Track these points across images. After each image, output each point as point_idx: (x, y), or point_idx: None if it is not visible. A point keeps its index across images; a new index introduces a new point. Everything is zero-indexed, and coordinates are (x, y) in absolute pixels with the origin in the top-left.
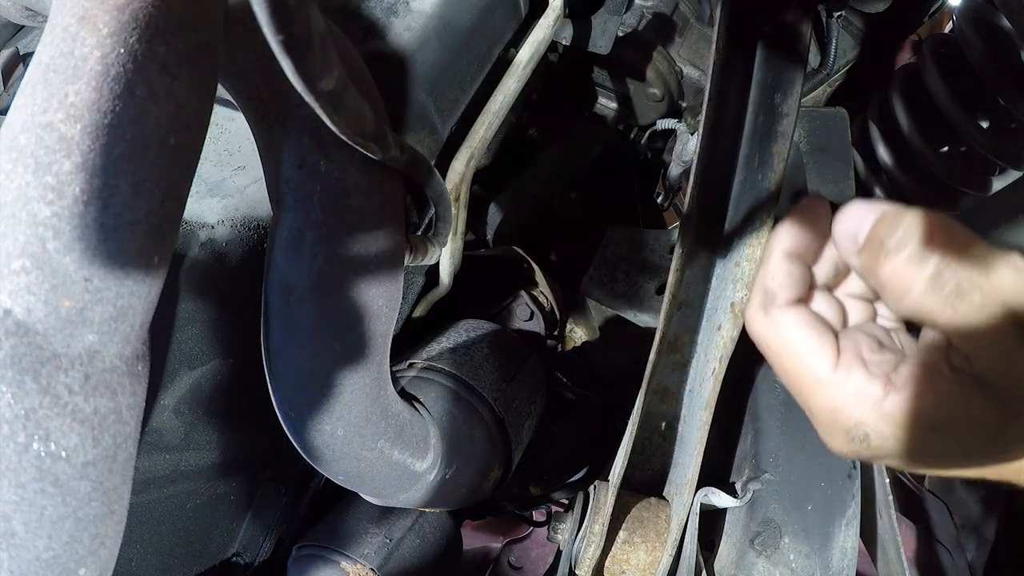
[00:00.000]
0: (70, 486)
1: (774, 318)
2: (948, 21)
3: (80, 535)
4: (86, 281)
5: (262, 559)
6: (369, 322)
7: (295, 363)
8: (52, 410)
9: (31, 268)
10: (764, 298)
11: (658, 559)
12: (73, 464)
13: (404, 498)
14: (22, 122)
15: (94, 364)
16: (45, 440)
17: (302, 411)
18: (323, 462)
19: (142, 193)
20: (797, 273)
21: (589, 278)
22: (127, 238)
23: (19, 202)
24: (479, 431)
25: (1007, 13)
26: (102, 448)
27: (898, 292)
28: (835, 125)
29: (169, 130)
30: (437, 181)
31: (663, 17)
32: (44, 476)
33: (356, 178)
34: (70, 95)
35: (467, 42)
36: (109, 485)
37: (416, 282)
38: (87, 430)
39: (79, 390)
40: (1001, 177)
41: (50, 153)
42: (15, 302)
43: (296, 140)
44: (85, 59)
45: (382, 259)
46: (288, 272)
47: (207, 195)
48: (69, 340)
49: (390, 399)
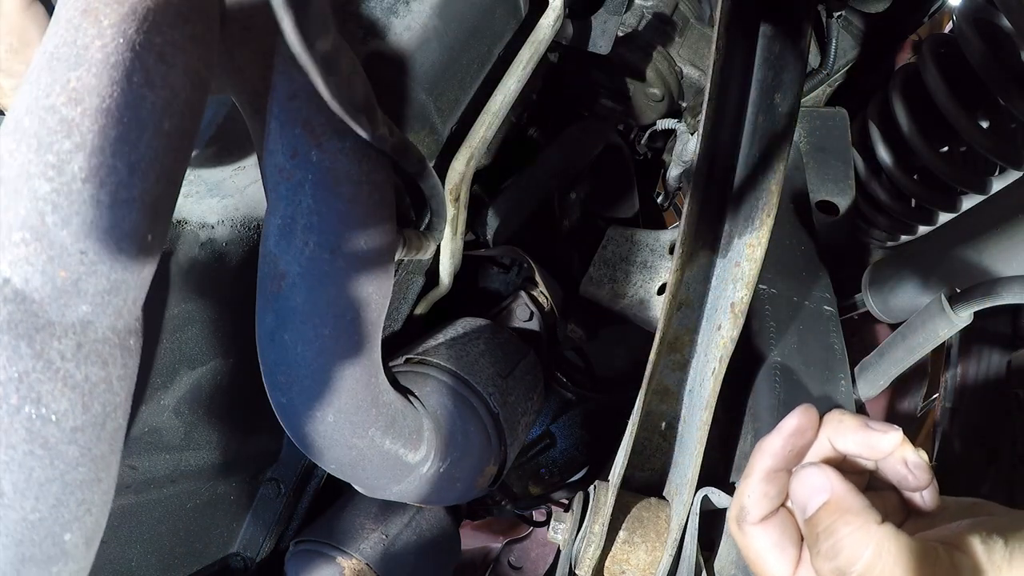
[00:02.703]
0: (59, 449)
1: (745, 532)
2: (948, 21)
3: (67, 499)
4: (81, 254)
5: (262, 559)
6: (360, 309)
7: (286, 349)
8: (44, 375)
9: (30, 240)
10: (739, 513)
11: (658, 559)
12: (62, 428)
13: (397, 490)
14: (26, 105)
15: (87, 334)
16: (36, 403)
17: (292, 397)
18: (314, 450)
19: (137, 173)
20: (772, 492)
21: (589, 278)
22: (122, 215)
23: (21, 178)
24: (474, 425)
25: (1007, 13)
26: (91, 415)
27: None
28: (835, 125)
29: (164, 115)
30: (429, 173)
31: (663, 17)
32: (34, 438)
33: (347, 167)
34: (72, 80)
35: (467, 42)
36: (97, 452)
37: (416, 282)
38: (77, 396)
39: (71, 357)
40: (1001, 177)
41: (52, 133)
42: (14, 271)
43: (289, 131)
44: (87, 48)
45: (373, 248)
46: (280, 259)
47: (207, 195)
48: (63, 309)
49: (381, 388)
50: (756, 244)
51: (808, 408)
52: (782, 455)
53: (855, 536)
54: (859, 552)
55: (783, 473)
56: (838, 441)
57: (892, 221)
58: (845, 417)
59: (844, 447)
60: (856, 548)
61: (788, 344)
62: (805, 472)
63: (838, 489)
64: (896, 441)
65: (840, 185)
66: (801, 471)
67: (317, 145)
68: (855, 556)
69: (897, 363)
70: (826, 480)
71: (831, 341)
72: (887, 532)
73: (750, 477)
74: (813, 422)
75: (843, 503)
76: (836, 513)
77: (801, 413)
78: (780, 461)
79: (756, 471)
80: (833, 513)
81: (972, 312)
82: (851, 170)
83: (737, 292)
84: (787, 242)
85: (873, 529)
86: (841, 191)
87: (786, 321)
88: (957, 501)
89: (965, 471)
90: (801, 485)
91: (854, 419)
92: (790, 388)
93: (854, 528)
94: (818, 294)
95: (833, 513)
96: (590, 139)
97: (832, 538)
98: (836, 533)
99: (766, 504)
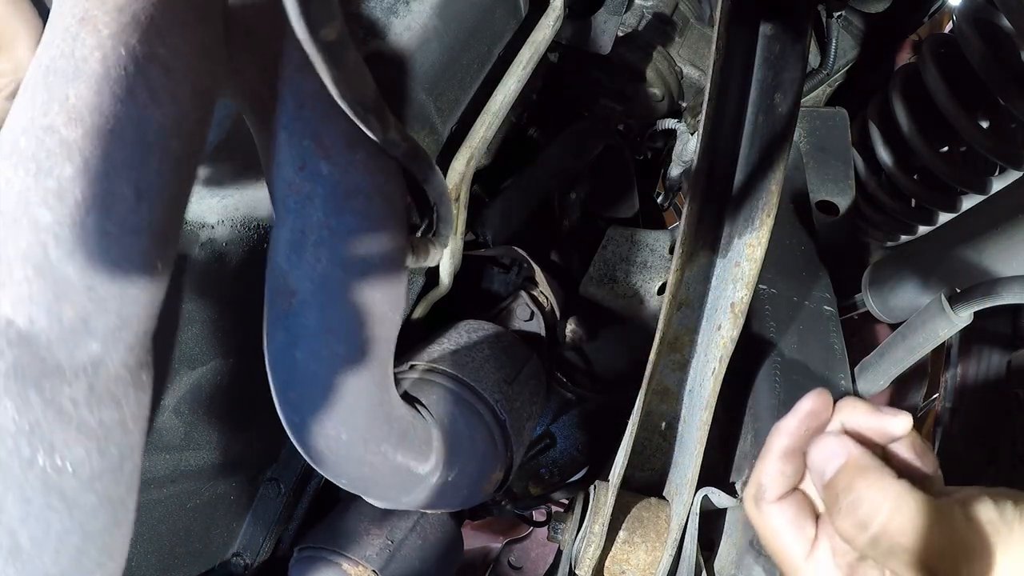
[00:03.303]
0: (76, 499)
1: (762, 511)
2: (948, 21)
3: (87, 548)
4: (89, 289)
5: (262, 559)
6: (373, 325)
7: (298, 367)
8: (57, 423)
9: (33, 277)
10: (757, 492)
11: (658, 559)
12: (79, 477)
13: (406, 500)
14: (23, 125)
15: (98, 374)
16: (50, 454)
17: (305, 416)
18: (327, 466)
19: (145, 198)
20: (789, 470)
21: (589, 278)
22: (130, 245)
23: (20, 207)
24: (481, 433)
25: (1007, 13)
26: (108, 460)
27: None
28: (835, 125)
29: (172, 133)
30: (438, 179)
31: (663, 17)
32: (50, 490)
33: (358, 180)
34: (71, 97)
35: (467, 42)
36: (115, 497)
37: (416, 282)
38: (92, 443)
39: (84, 402)
40: (1001, 177)
41: (51, 157)
42: (17, 312)
43: (297, 142)
44: (85, 60)
45: (385, 262)
46: (290, 274)
47: (207, 195)
48: (73, 350)
49: (393, 403)
50: (756, 244)
51: (822, 391)
52: (798, 435)
53: (874, 490)
54: (879, 504)
55: (799, 454)
56: (851, 424)
57: (892, 221)
58: (858, 403)
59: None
60: (876, 501)
61: (788, 344)
62: (822, 440)
63: (855, 451)
64: (907, 425)
65: (840, 185)
66: (818, 440)
67: (326, 157)
68: (875, 508)
69: (897, 363)
70: (842, 445)
71: (831, 341)
72: (905, 486)
73: (767, 456)
74: (827, 404)
75: (861, 462)
76: (854, 471)
77: (816, 396)
78: (796, 440)
79: (773, 450)
80: (851, 471)
81: (972, 312)
82: (851, 170)
83: (737, 292)
84: (787, 242)
85: (891, 483)
86: (841, 191)
87: (786, 321)
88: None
89: (965, 471)
90: (819, 451)
91: (866, 404)
92: (790, 388)
93: (872, 482)
94: (818, 294)
95: (851, 471)
96: (590, 139)
97: (852, 494)
98: (855, 489)
99: (783, 483)
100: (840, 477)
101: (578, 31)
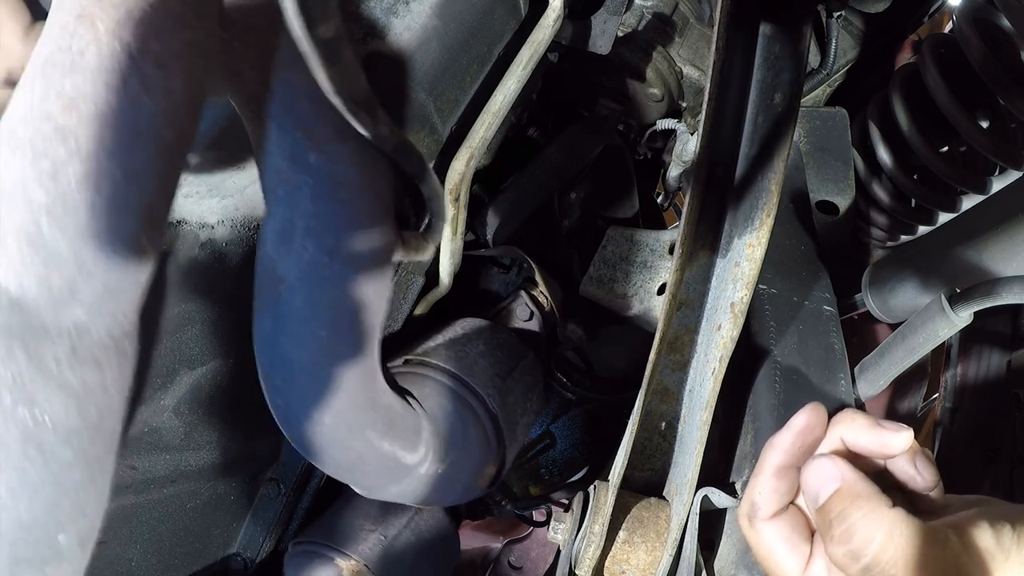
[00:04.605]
0: (53, 452)
1: (757, 529)
2: (948, 21)
3: (60, 501)
4: (77, 260)
5: (262, 559)
6: (358, 312)
7: (283, 352)
8: (39, 377)
9: (26, 248)
10: (751, 509)
11: (658, 559)
12: (57, 430)
13: (395, 491)
14: (21, 114)
15: (82, 338)
16: (30, 405)
17: (290, 400)
18: (311, 451)
19: (134, 180)
20: (783, 487)
21: (589, 278)
22: (118, 221)
23: (17, 187)
24: (473, 426)
25: (1007, 13)
26: (86, 418)
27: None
28: (835, 125)
29: (162, 122)
30: (430, 174)
31: (663, 17)
32: (28, 439)
33: (346, 171)
34: (67, 87)
35: (467, 42)
36: (92, 455)
37: (416, 282)
38: (72, 400)
39: (66, 361)
40: (1001, 177)
41: (46, 141)
42: (9, 279)
43: (288, 134)
44: (82, 53)
45: (371, 251)
46: (278, 263)
47: (207, 195)
48: (58, 314)
49: (379, 390)
50: (756, 244)
51: (817, 406)
52: (792, 451)
53: (867, 520)
54: (872, 535)
55: (793, 470)
56: (850, 439)
57: (892, 221)
58: (858, 416)
59: (856, 445)
60: (869, 531)
61: (788, 344)
62: (816, 462)
63: (849, 476)
64: (908, 440)
65: (840, 185)
66: (812, 462)
67: (316, 148)
68: (868, 539)
69: (897, 363)
70: (837, 469)
71: (831, 341)
72: (898, 516)
73: (761, 473)
74: (822, 419)
75: (854, 489)
76: (848, 499)
77: (810, 410)
78: (790, 457)
79: (767, 467)
80: (845, 499)
81: (972, 312)
82: (851, 170)
83: (737, 292)
84: (787, 242)
85: (885, 512)
86: (841, 191)
87: (786, 321)
88: (960, 499)
89: (965, 471)
90: (813, 475)
91: (866, 418)
92: (790, 388)
93: (866, 512)
94: (818, 294)
95: (845, 499)
96: (590, 139)
97: (845, 523)
98: (849, 518)
99: (777, 500)
100: (834, 503)
101: (578, 31)
